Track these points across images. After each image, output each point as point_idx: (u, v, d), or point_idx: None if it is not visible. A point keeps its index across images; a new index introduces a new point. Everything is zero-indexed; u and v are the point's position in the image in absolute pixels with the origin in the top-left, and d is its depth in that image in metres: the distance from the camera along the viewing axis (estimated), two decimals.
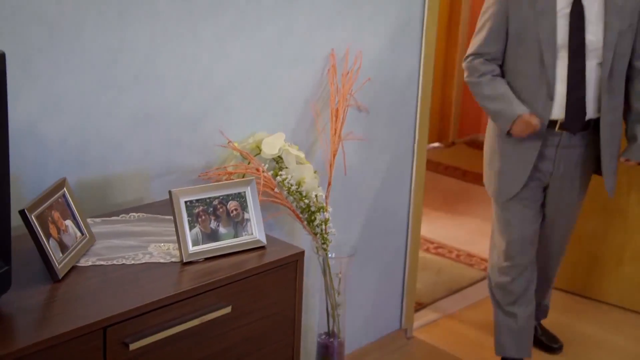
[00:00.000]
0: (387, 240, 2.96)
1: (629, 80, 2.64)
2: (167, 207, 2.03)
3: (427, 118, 2.92)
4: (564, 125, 2.61)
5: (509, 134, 2.60)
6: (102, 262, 1.73)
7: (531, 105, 2.58)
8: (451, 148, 5.71)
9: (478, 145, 5.66)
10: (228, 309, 1.70)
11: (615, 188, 2.75)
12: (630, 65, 2.61)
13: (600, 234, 3.44)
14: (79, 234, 1.77)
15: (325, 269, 2.53)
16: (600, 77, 2.56)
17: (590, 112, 2.61)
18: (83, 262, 1.72)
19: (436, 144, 5.69)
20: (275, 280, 1.82)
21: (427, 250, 3.94)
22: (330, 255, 2.51)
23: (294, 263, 1.84)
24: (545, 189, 2.75)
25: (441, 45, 5.44)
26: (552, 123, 2.60)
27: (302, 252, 1.86)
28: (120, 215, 2.00)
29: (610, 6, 2.50)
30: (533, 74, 2.57)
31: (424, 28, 2.78)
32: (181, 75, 2.16)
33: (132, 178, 2.14)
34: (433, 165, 5.27)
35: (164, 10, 2.06)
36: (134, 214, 2.00)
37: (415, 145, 2.92)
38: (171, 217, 1.90)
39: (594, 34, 2.52)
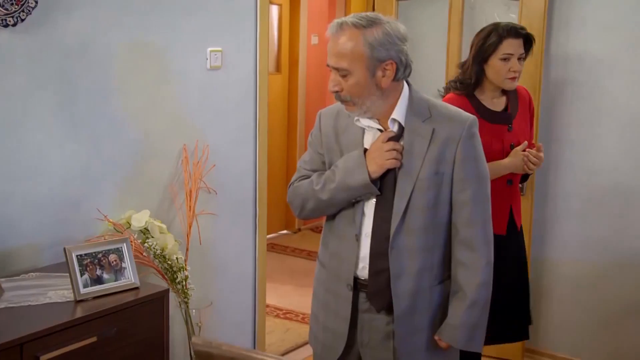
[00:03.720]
0: (238, 297, 3.61)
1: (452, 244, 2.17)
2: (57, 268, 2.62)
3: (265, 195, 3.64)
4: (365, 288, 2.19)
5: (375, 181, 2.09)
6: (12, 305, 2.28)
7: (340, 260, 2.21)
8: (297, 234, 6.49)
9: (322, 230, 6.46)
10: (113, 330, 2.29)
11: None
12: (454, 227, 2.15)
13: None
14: None
15: (187, 319, 3.13)
16: (390, 232, 2.10)
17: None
18: None
19: (284, 231, 6.46)
20: (148, 311, 2.43)
21: (277, 316, 4.59)
22: (191, 308, 3.13)
23: (161, 298, 2.47)
24: None
25: (282, 144, 6.29)
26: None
27: (167, 290, 2.50)
28: (21, 275, 2.55)
29: (411, 150, 2.09)
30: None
31: (257, 128, 3.55)
32: (65, 167, 2.77)
33: (27, 250, 2.68)
34: (282, 249, 6.03)
35: (50, 120, 2.70)
36: (32, 273, 2.56)
37: (257, 219, 3.64)
38: (62, 274, 2.50)
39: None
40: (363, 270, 2.17)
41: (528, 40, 2.95)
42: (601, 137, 3.67)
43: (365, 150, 2.12)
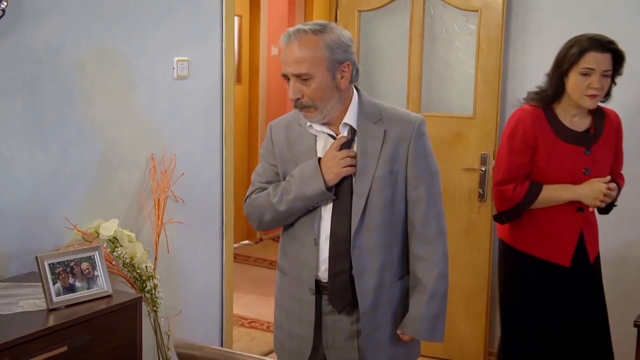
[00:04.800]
0: (205, 305, 3.62)
1: (409, 239, 2.23)
2: (26, 278, 2.60)
3: (232, 203, 3.66)
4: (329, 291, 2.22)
5: (330, 187, 2.14)
6: None
7: (300, 265, 2.24)
8: (259, 244, 6.51)
9: None
10: (86, 339, 2.29)
11: None
12: (410, 223, 2.21)
13: None
14: None
15: (156, 328, 3.13)
16: (351, 232, 2.15)
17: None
18: None
19: (246, 241, 6.47)
20: (122, 318, 2.44)
21: (242, 325, 4.60)
22: (160, 316, 3.12)
23: (134, 305, 2.48)
24: None
25: (243, 155, 6.30)
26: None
27: (140, 297, 2.50)
28: None
29: (365, 151, 2.15)
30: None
31: (224, 137, 3.57)
32: (33, 176, 2.75)
33: None
34: (244, 259, 6.03)
35: (18, 129, 2.69)
36: (2, 283, 2.54)
37: (224, 228, 3.65)
38: (32, 284, 2.48)
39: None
40: (325, 272, 2.20)
41: (618, 56, 2.68)
42: None
43: (320, 158, 2.16)
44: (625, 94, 3.42)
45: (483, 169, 3.86)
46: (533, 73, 3.80)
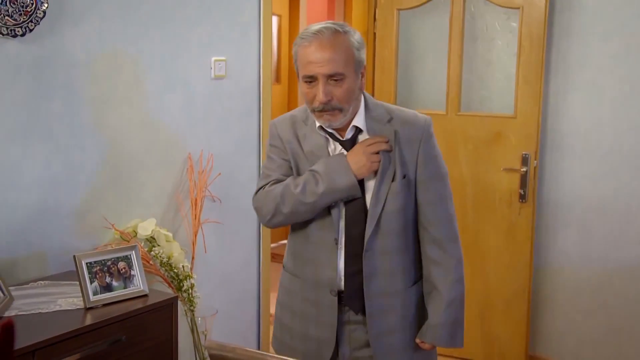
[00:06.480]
0: (242, 306, 3.62)
1: (421, 244, 2.19)
2: (65, 276, 2.63)
3: None
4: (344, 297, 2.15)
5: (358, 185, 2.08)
6: (23, 313, 2.29)
7: (318, 266, 2.16)
8: None
9: None
10: (122, 338, 2.30)
11: None
12: (422, 227, 2.17)
13: None
14: (1, 295, 2.32)
15: (193, 328, 3.14)
16: (366, 236, 2.10)
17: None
18: (7, 314, 2.27)
19: (284, 241, 6.47)
20: (157, 318, 2.44)
21: None
22: (196, 316, 3.13)
23: (170, 305, 2.48)
24: None
25: None
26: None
27: (176, 297, 2.51)
28: (30, 284, 2.56)
29: (381, 153, 2.09)
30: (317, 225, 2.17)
31: (261, 137, 3.58)
32: (71, 177, 2.78)
33: (33, 258, 2.69)
34: (282, 259, 6.01)
35: (56, 130, 2.72)
36: (41, 282, 2.57)
37: (261, 228, 3.65)
38: (70, 282, 2.51)
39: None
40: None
41: None
42: (602, 144, 3.70)
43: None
44: None
45: (524, 169, 3.78)
46: (576, 72, 3.73)
